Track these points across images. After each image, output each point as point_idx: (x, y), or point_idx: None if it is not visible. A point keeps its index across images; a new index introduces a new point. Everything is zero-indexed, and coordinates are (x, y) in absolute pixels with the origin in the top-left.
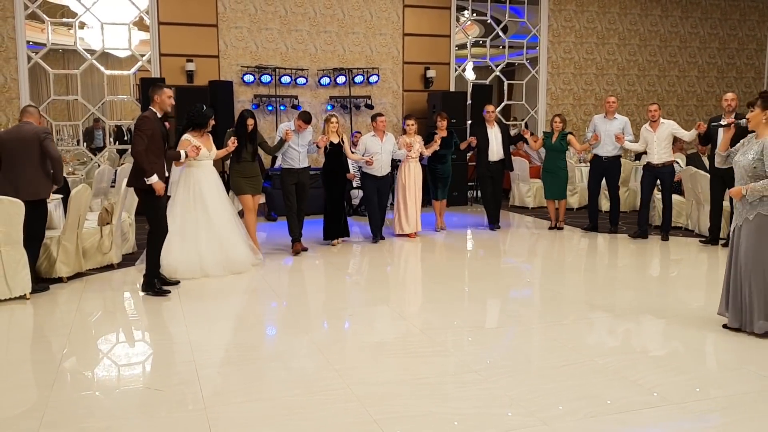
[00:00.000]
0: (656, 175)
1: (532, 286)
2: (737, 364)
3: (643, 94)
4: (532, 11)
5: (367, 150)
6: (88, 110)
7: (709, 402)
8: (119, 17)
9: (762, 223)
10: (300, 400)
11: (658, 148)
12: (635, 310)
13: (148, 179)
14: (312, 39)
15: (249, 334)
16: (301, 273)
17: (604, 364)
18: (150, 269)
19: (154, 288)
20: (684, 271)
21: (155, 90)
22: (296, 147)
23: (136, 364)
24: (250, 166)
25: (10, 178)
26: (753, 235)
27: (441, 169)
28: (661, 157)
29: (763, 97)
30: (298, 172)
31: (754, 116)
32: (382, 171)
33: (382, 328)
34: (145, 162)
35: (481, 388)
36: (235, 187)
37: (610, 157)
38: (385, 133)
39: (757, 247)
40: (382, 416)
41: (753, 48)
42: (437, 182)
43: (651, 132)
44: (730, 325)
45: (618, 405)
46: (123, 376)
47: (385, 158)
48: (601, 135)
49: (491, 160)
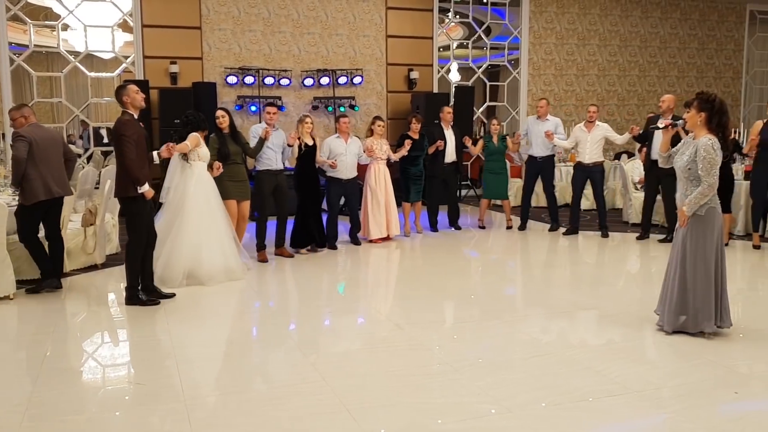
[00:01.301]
0: (587, 175)
1: (498, 283)
2: (696, 355)
3: (623, 94)
4: (513, 13)
5: (332, 152)
6: (72, 112)
7: (667, 390)
8: (103, 20)
9: (698, 222)
10: (276, 392)
11: (590, 148)
12: (595, 305)
13: (140, 188)
14: (295, 40)
15: (228, 331)
16: (281, 274)
17: (570, 355)
18: (131, 281)
19: (138, 300)
20: (618, 267)
21: (120, 91)
22: (271, 146)
23: (119, 360)
24: (237, 169)
25: (44, 175)
26: (690, 235)
27: (413, 170)
28: (592, 157)
29: (699, 98)
30: (276, 174)
31: (690, 117)
32: (348, 174)
33: (357, 325)
34: (136, 169)
35: (450, 379)
36: (221, 191)
37: (544, 157)
38: (350, 134)
39: (691, 246)
40: (355, 406)
41: (731, 48)
42: (410, 184)
43: (585, 132)
44: (661, 325)
45: (581, 393)
46: (105, 372)
47: (350, 160)
48: (533, 137)
49: (446, 162)
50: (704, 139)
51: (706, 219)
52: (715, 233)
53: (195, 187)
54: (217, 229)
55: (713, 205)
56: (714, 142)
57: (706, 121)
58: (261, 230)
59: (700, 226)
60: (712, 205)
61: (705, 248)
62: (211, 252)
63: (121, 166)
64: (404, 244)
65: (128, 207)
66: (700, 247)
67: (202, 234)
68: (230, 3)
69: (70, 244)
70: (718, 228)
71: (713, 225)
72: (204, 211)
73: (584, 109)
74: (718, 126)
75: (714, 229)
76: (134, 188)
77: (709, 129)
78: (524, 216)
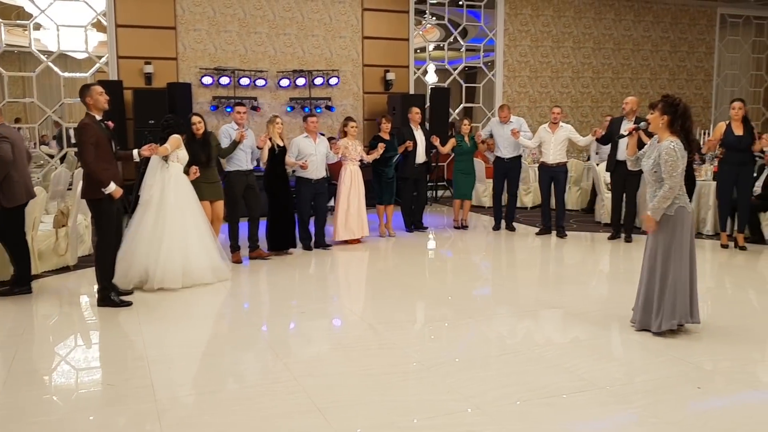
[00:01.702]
0: (551, 175)
1: (471, 282)
2: (662, 352)
3: (597, 96)
4: (489, 15)
5: (301, 152)
6: (45, 113)
7: (633, 385)
8: (76, 19)
9: (668, 222)
10: (248, 392)
11: (554, 149)
12: (566, 303)
13: (105, 189)
14: (271, 41)
15: (201, 332)
16: (255, 275)
17: (539, 353)
18: (102, 282)
19: (111, 301)
20: (603, 266)
21: (84, 92)
22: (242, 147)
23: (90, 361)
24: (210, 172)
25: (24, 177)
26: (661, 234)
27: (386, 172)
28: (556, 157)
29: (664, 101)
30: (246, 174)
31: (653, 119)
32: (317, 174)
33: (330, 325)
34: (98, 172)
35: (422, 377)
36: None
37: (511, 158)
38: (318, 134)
39: (666, 245)
40: (326, 405)
41: (702, 51)
42: (383, 186)
43: (550, 133)
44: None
45: (549, 390)
46: (77, 373)
47: (319, 160)
48: (498, 139)
49: (417, 163)
50: (666, 143)
51: (676, 218)
52: (685, 231)
53: (174, 187)
54: (198, 229)
55: (682, 204)
56: (676, 144)
57: (669, 124)
58: (234, 231)
59: (671, 225)
60: (681, 204)
61: (680, 246)
62: (197, 252)
63: (84, 169)
64: (378, 245)
65: (96, 208)
66: (675, 245)
67: (178, 235)
68: (205, 3)
69: (41, 246)
70: (689, 226)
71: (683, 223)
72: (185, 211)
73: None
74: (681, 129)
75: (684, 227)
76: (100, 190)
77: (672, 131)
78: (497, 216)
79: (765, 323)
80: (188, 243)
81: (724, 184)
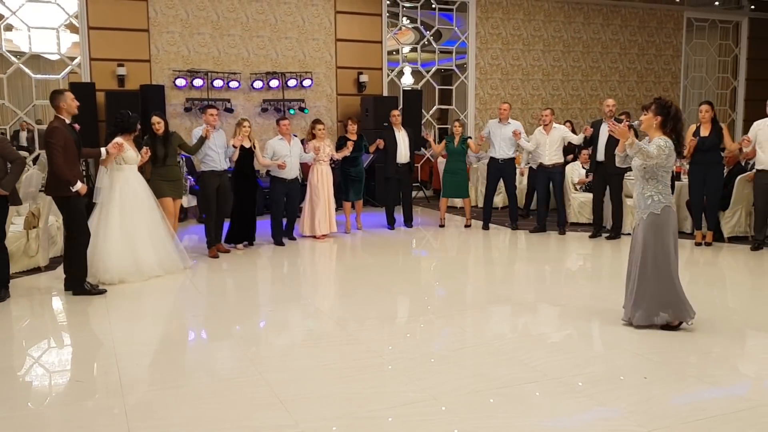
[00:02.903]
0: (548, 176)
1: (442, 279)
2: (614, 345)
3: (566, 98)
4: (462, 17)
5: (276, 153)
6: (16, 114)
7: (584, 376)
8: (48, 21)
9: (653, 220)
10: (212, 386)
11: (549, 150)
12: (532, 299)
13: (73, 187)
14: (245, 43)
15: (168, 327)
16: (222, 271)
17: (498, 346)
18: (80, 273)
19: (86, 289)
20: (577, 263)
21: (57, 97)
22: (214, 148)
23: (60, 358)
24: (171, 170)
25: None
26: (648, 232)
27: (353, 171)
28: (552, 158)
29: (657, 102)
30: (220, 174)
31: (646, 119)
32: (291, 174)
33: (297, 321)
34: (66, 173)
35: (382, 371)
36: (156, 190)
37: (505, 159)
38: (291, 136)
39: (654, 243)
40: (288, 398)
41: (670, 54)
42: (349, 184)
43: (544, 135)
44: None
45: (503, 381)
46: (46, 370)
47: (293, 161)
48: (495, 139)
49: (399, 162)
50: (657, 139)
51: (662, 217)
52: (670, 229)
53: (122, 187)
54: (146, 225)
55: (668, 203)
56: (666, 141)
57: (661, 124)
58: (209, 228)
59: (657, 224)
60: (667, 204)
61: (665, 244)
62: (143, 247)
63: (53, 170)
64: (345, 241)
65: (65, 205)
66: (658, 243)
67: (129, 231)
68: (178, 6)
69: (12, 247)
70: (673, 225)
71: (668, 222)
72: (132, 210)
73: (530, 113)
74: (672, 131)
75: (669, 226)
76: (68, 188)
77: (663, 132)
78: (486, 216)
79: (725, 318)
80: (138, 239)
81: (695, 183)
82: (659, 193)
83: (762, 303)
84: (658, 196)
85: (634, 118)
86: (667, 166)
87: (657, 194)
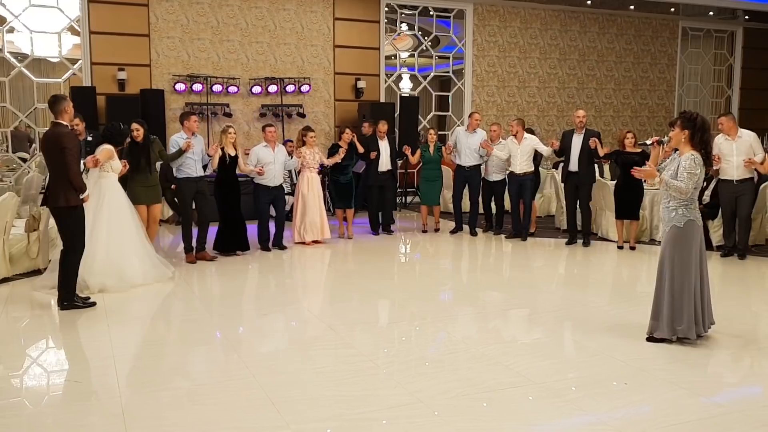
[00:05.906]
0: (520, 183)
1: (429, 285)
2: (598, 352)
3: (562, 105)
4: (459, 24)
5: (260, 160)
6: (17, 117)
7: (566, 381)
8: (49, 25)
9: (675, 233)
10: (207, 388)
11: (521, 159)
12: (517, 305)
13: (83, 195)
14: (244, 49)
15: (163, 332)
16: (211, 277)
17: (483, 352)
18: (70, 286)
19: (75, 302)
20: (559, 270)
21: (62, 102)
22: (191, 155)
23: (58, 360)
24: (148, 177)
25: None
26: (669, 245)
27: (342, 179)
28: (523, 167)
29: (683, 117)
30: (196, 180)
31: (674, 135)
32: (275, 181)
33: (290, 326)
34: (81, 180)
35: (372, 374)
36: (132, 196)
37: (471, 167)
38: (277, 143)
39: (672, 256)
40: (280, 399)
41: (665, 63)
42: (337, 191)
43: (516, 145)
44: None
45: (488, 385)
46: (45, 372)
47: (277, 168)
48: (462, 148)
49: (380, 171)
50: (688, 154)
51: (686, 230)
52: (694, 244)
53: (108, 195)
54: (129, 235)
55: (692, 217)
56: (696, 158)
57: (689, 138)
58: (187, 234)
59: (678, 237)
60: (692, 218)
61: (688, 258)
62: (128, 256)
63: (63, 176)
64: (337, 247)
65: (70, 215)
66: (677, 257)
67: (115, 240)
68: (179, 11)
69: (13, 249)
70: (698, 239)
71: (691, 236)
72: (115, 219)
73: (526, 120)
74: (701, 142)
75: (692, 240)
76: (76, 197)
77: (692, 145)
78: (458, 220)
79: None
80: (122, 248)
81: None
82: (684, 206)
83: (740, 312)
84: (683, 209)
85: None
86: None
87: (681, 207)
